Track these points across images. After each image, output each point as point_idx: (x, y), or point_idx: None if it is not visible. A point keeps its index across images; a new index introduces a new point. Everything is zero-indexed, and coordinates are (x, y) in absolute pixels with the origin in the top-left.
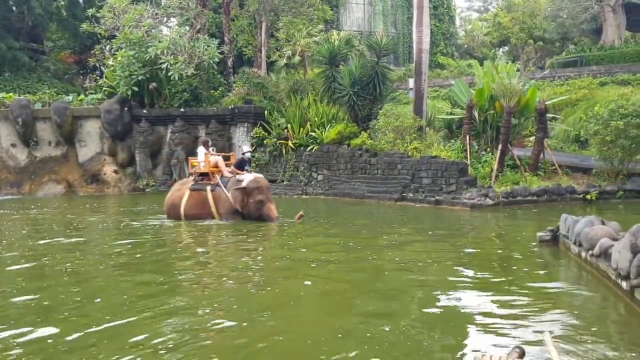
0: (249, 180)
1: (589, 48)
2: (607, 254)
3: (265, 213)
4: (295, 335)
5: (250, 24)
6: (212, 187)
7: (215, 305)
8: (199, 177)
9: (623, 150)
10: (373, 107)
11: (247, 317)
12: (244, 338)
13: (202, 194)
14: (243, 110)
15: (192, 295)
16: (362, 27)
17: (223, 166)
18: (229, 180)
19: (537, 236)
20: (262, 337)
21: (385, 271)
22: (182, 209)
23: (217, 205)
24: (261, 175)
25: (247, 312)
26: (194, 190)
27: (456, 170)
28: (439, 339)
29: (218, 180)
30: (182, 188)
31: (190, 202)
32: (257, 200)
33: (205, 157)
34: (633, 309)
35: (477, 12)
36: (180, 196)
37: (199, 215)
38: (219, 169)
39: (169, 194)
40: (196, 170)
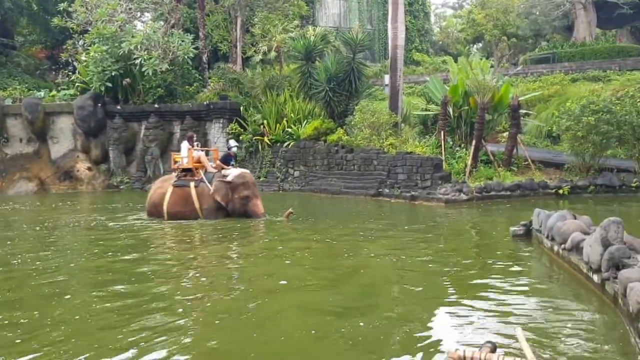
0: (235, 175)
1: (561, 45)
2: (578, 247)
3: (250, 209)
4: (269, 334)
5: (225, 19)
6: (196, 183)
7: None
8: (181, 173)
9: (594, 145)
10: (349, 103)
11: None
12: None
13: (185, 190)
14: (218, 106)
15: (172, 310)
16: (337, 23)
17: (206, 161)
18: (214, 175)
19: (511, 231)
20: (234, 337)
21: (361, 268)
22: (165, 207)
23: (200, 201)
24: (247, 170)
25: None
26: (177, 186)
27: (431, 166)
28: (413, 335)
29: (202, 175)
30: (165, 185)
31: (173, 199)
32: (243, 196)
33: (189, 152)
34: (604, 302)
35: (452, 8)
36: (163, 193)
37: (183, 212)
38: (202, 164)
39: (151, 191)
40: (179, 166)
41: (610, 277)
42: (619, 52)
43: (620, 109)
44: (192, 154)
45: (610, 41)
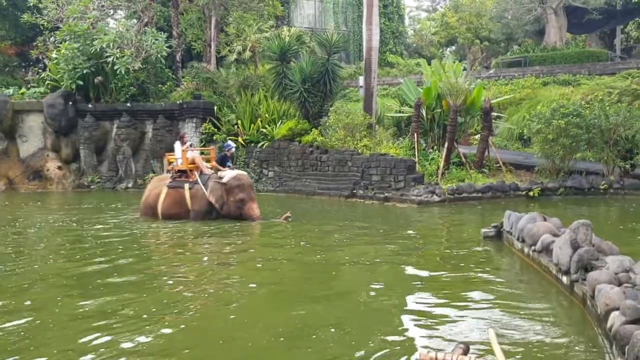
0: (230, 177)
1: (533, 49)
2: (548, 249)
3: (246, 212)
4: (236, 341)
5: (199, 18)
6: (191, 185)
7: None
8: (177, 174)
9: (564, 148)
10: (324, 104)
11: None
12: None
13: (180, 192)
14: (192, 105)
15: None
16: (313, 24)
17: (201, 162)
18: (209, 177)
19: (482, 232)
20: (206, 341)
21: (333, 271)
22: (160, 208)
23: (192, 203)
24: (244, 172)
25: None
26: (172, 188)
27: (404, 168)
28: (384, 339)
29: (197, 177)
30: (160, 185)
31: (167, 201)
32: (238, 198)
33: (183, 153)
34: (573, 303)
35: (426, 11)
36: (158, 194)
37: (178, 214)
38: (196, 165)
39: (146, 192)
40: (174, 167)
41: (579, 279)
42: (588, 57)
43: (589, 113)
44: (186, 154)
45: (580, 46)
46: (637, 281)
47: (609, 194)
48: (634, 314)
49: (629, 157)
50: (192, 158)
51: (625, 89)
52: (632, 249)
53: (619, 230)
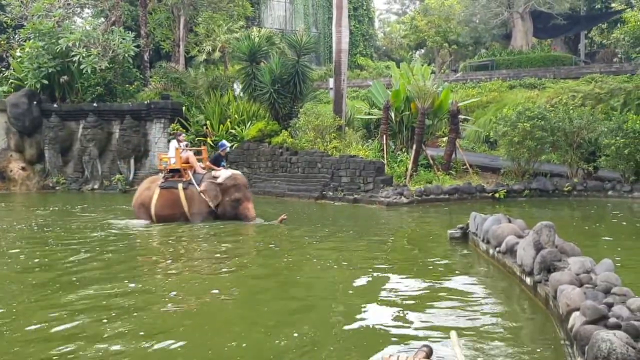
0: (226, 177)
1: (499, 52)
2: (512, 250)
3: (242, 212)
4: (198, 348)
5: (168, 17)
6: (185, 185)
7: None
8: (169, 174)
9: (529, 151)
10: (294, 105)
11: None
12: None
13: (173, 192)
14: (160, 105)
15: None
16: (283, 25)
17: (195, 162)
18: (203, 177)
19: (448, 233)
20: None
21: (300, 274)
22: (153, 210)
23: (189, 204)
24: (239, 172)
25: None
26: (165, 188)
27: (373, 170)
28: (348, 341)
29: (190, 177)
30: (152, 186)
31: (161, 201)
32: (234, 198)
33: (176, 152)
34: (536, 304)
35: (396, 14)
36: (150, 195)
37: (172, 215)
38: (190, 164)
39: (138, 193)
40: (167, 167)
41: (542, 280)
42: (553, 61)
43: (554, 116)
44: (179, 153)
45: (546, 50)
46: (597, 282)
47: (572, 195)
48: (593, 314)
49: (592, 160)
50: (186, 157)
51: (589, 93)
52: (594, 250)
53: (581, 232)
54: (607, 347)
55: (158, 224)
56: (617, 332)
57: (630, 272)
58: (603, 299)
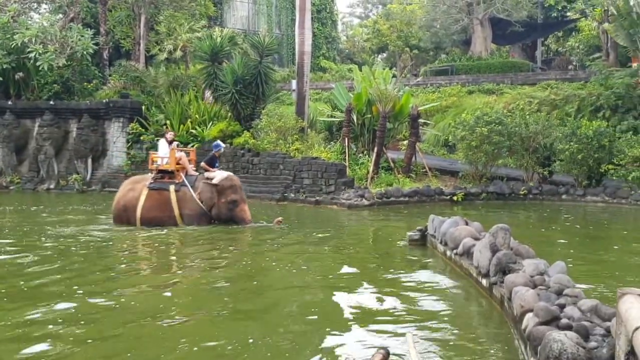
0: (222, 178)
1: (459, 58)
2: (469, 252)
3: (238, 215)
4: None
5: (129, 15)
6: (177, 187)
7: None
8: (158, 175)
9: (486, 155)
10: (256, 106)
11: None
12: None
13: (163, 194)
14: (119, 104)
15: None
16: (246, 26)
17: (187, 163)
18: (196, 178)
19: (407, 235)
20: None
21: (257, 278)
22: (139, 212)
23: (181, 207)
24: (232, 173)
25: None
26: (154, 189)
27: (335, 172)
28: (304, 344)
29: (183, 178)
30: (137, 187)
31: (149, 203)
32: (230, 200)
33: (171, 153)
34: (492, 305)
35: (359, 18)
36: (136, 197)
37: (160, 218)
38: (182, 165)
39: (119, 194)
40: (158, 167)
41: (498, 282)
42: (511, 67)
43: (511, 121)
44: (174, 154)
45: (504, 56)
46: (550, 284)
47: (528, 199)
48: (546, 315)
49: (547, 164)
50: (179, 158)
51: (545, 99)
52: (548, 253)
53: (536, 234)
54: (558, 348)
55: (142, 226)
56: (568, 332)
57: (583, 273)
58: (556, 300)
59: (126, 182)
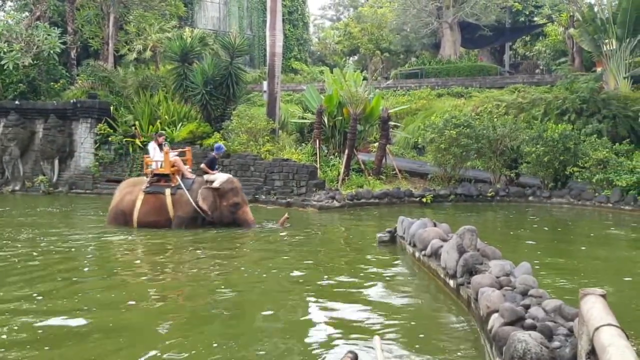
0: (223, 181)
1: (429, 61)
2: (437, 254)
3: (240, 217)
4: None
5: (97, 14)
6: (173, 190)
7: None
8: (153, 178)
9: (455, 157)
10: (226, 107)
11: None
12: None
13: (159, 198)
14: (86, 104)
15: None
16: (217, 27)
17: (182, 166)
18: (194, 181)
19: (377, 237)
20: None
21: (222, 282)
22: (136, 216)
23: (175, 210)
24: (231, 175)
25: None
26: (150, 193)
27: (306, 173)
28: (271, 345)
29: (179, 181)
30: (134, 190)
31: (145, 207)
32: (232, 203)
33: (165, 156)
34: (459, 306)
35: (330, 20)
36: (133, 200)
37: (157, 222)
38: (177, 168)
39: (117, 197)
40: (153, 170)
41: (465, 283)
42: (479, 71)
43: (479, 124)
44: (168, 157)
45: (473, 60)
46: (516, 284)
47: (495, 200)
48: (511, 315)
49: (514, 167)
50: (174, 161)
51: (512, 102)
52: (515, 254)
53: (502, 236)
54: (522, 348)
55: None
56: (533, 332)
57: (548, 274)
58: (521, 300)
59: (123, 185)
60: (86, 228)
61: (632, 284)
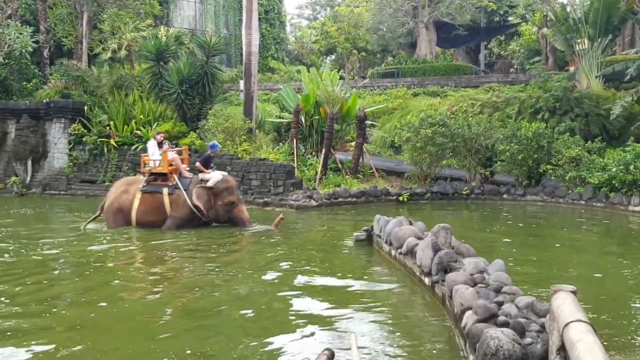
0: (217, 180)
1: (405, 61)
2: (412, 252)
3: (236, 216)
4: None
5: (70, 13)
6: (171, 190)
7: None
8: (150, 177)
9: (431, 156)
10: (202, 107)
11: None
12: None
13: (157, 197)
14: (60, 104)
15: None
16: (193, 26)
17: (180, 164)
18: (191, 181)
19: (354, 236)
20: None
21: (198, 283)
22: (134, 215)
23: (172, 210)
24: (226, 174)
25: None
26: (147, 192)
27: (284, 173)
28: (249, 346)
29: (177, 181)
30: (130, 189)
31: (143, 207)
32: (228, 202)
33: (163, 155)
34: (434, 304)
35: (307, 19)
36: (130, 199)
37: (155, 222)
38: (174, 167)
39: (112, 196)
40: (150, 169)
41: (440, 280)
42: (455, 70)
43: (454, 123)
44: (166, 156)
45: (448, 59)
46: (490, 282)
47: (470, 198)
48: (484, 312)
49: (488, 165)
50: (171, 160)
51: (487, 101)
52: (489, 251)
53: (477, 233)
54: (495, 344)
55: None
56: (505, 329)
57: (522, 271)
58: (494, 298)
59: (118, 184)
60: (60, 231)
61: (603, 280)
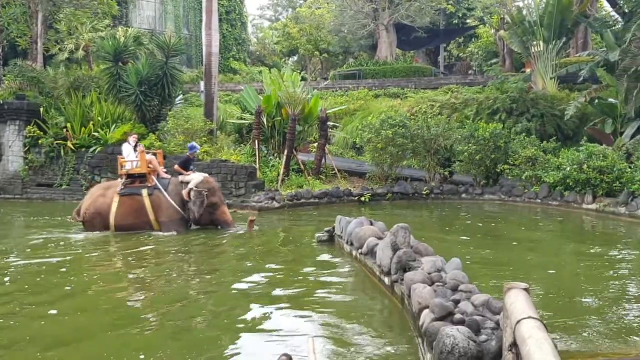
0: (199, 181)
1: (366, 62)
2: (373, 252)
3: (219, 218)
4: None
5: (24, 12)
6: (150, 191)
7: None
8: (127, 180)
9: (391, 156)
10: (162, 108)
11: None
12: None
13: (136, 199)
14: (14, 106)
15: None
16: (153, 26)
17: (157, 165)
18: (170, 181)
19: (316, 237)
20: None
21: (155, 288)
22: (113, 219)
23: (156, 212)
24: (207, 175)
25: None
26: (125, 195)
27: (245, 174)
28: (204, 350)
29: (155, 182)
30: (107, 193)
31: (122, 210)
32: (210, 203)
33: (141, 155)
34: (394, 303)
35: (269, 20)
36: (107, 203)
37: (135, 225)
38: (153, 168)
39: (89, 200)
40: (128, 171)
41: (398, 279)
42: (415, 72)
43: (413, 124)
44: (144, 156)
45: (408, 61)
46: (447, 280)
47: (430, 198)
48: (441, 311)
49: (447, 165)
50: (149, 160)
51: (446, 102)
52: (447, 250)
53: (436, 232)
54: (450, 342)
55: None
56: (460, 327)
57: (479, 268)
58: (451, 296)
59: (94, 189)
60: (14, 236)
61: (556, 277)
